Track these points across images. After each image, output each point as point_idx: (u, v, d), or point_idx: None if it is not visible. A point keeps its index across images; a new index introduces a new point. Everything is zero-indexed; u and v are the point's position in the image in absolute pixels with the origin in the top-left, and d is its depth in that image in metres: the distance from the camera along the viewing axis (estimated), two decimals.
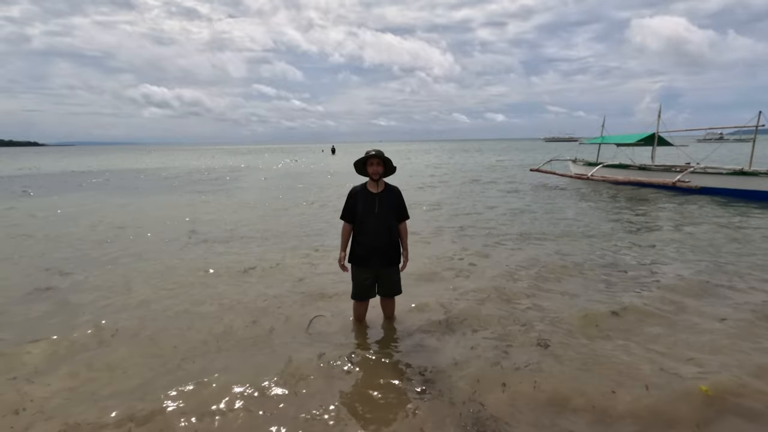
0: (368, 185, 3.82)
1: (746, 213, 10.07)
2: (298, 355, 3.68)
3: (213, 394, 3.15)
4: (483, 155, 47.61)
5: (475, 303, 4.80)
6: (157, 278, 5.87)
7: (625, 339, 3.91)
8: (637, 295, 4.95)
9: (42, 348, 3.89)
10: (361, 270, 3.87)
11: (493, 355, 3.66)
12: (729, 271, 5.79)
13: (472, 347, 3.81)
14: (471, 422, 2.80)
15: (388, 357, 3.67)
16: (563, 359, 3.58)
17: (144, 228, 9.39)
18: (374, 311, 4.26)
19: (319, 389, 3.21)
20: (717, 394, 3.02)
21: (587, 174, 17.13)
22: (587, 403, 2.99)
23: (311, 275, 5.86)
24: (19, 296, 5.27)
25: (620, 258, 6.54)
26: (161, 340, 4.03)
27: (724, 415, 2.87)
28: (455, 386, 3.20)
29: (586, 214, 10.47)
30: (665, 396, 3.03)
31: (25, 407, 3.02)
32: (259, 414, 2.94)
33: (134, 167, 34.99)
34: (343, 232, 3.91)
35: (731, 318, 4.31)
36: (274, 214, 11.10)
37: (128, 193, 16.99)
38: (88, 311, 4.75)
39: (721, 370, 3.33)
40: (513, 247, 7.28)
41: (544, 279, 5.58)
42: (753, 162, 12.94)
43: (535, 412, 2.91)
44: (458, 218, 10.02)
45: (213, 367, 3.53)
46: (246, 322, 4.40)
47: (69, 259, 6.90)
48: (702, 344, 3.79)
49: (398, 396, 3.13)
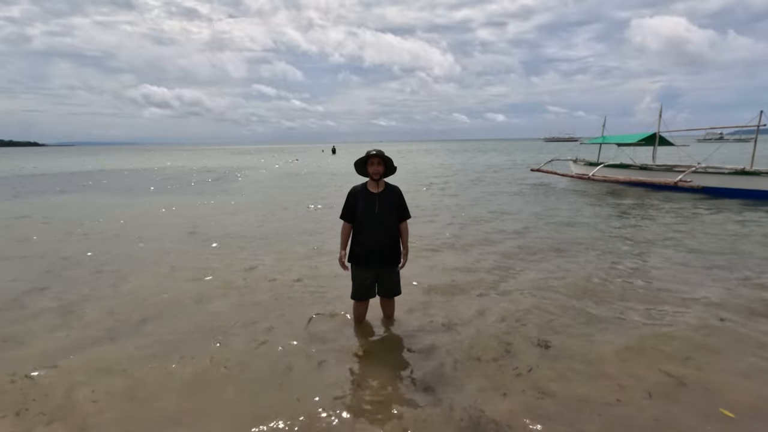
0: (368, 185, 3.80)
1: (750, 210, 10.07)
2: (296, 357, 3.67)
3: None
4: (486, 155, 47.61)
5: (476, 303, 4.79)
6: (159, 275, 5.87)
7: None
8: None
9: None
10: (360, 270, 3.85)
11: (493, 356, 3.64)
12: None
13: (471, 347, 3.80)
14: (470, 427, 2.78)
15: (386, 358, 3.66)
16: (563, 358, 3.57)
17: (145, 226, 9.40)
18: (374, 312, 4.24)
19: (315, 388, 3.20)
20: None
21: (588, 174, 17.02)
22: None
23: (310, 276, 5.82)
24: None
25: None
26: (166, 333, 4.02)
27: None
28: (455, 389, 3.18)
29: (599, 216, 10.31)
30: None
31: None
32: (255, 409, 2.94)
33: (132, 167, 34.92)
34: (343, 232, 3.90)
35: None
36: (273, 214, 11.09)
37: (126, 193, 16.96)
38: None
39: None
40: (517, 248, 7.24)
41: (548, 285, 5.43)
42: (754, 162, 12.92)
43: (536, 415, 2.90)
44: (465, 221, 10.01)
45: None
46: (245, 321, 4.40)
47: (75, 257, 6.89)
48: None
49: (395, 398, 3.11)
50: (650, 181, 14.60)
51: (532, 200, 13.08)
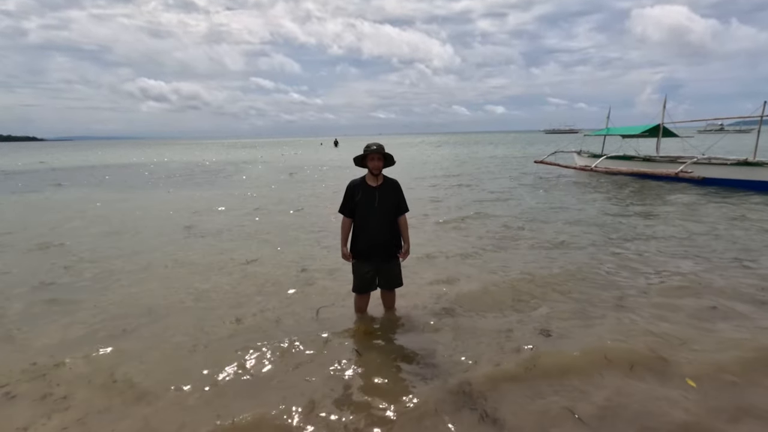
0: (367, 178, 3.77)
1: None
2: (305, 346, 3.78)
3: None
4: (489, 148, 47.46)
5: (480, 294, 4.87)
6: (163, 272, 5.95)
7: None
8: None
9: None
10: (362, 263, 3.86)
11: (495, 343, 3.72)
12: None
13: (475, 334, 3.88)
14: (469, 407, 2.87)
15: (389, 346, 3.74)
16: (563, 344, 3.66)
17: (146, 222, 9.49)
18: (375, 305, 4.30)
19: (324, 375, 3.32)
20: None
21: (591, 165, 17.03)
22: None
23: (313, 269, 5.87)
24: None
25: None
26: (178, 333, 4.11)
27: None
28: (456, 375, 3.26)
29: (607, 210, 10.25)
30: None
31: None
32: (266, 395, 3.05)
33: (135, 162, 34.91)
34: (343, 227, 3.87)
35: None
36: (274, 208, 11.14)
37: (125, 188, 16.98)
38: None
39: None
40: (525, 245, 7.25)
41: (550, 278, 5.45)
42: (747, 152, 12.89)
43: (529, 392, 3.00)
44: (467, 208, 10.06)
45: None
46: (254, 310, 4.51)
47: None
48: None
49: (398, 383, 3.21)
50: (652, 172, 14.60)
51: (537, 192, 13.10)
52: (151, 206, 11.78)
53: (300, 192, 14.21)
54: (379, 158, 3.67)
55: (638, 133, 17.43)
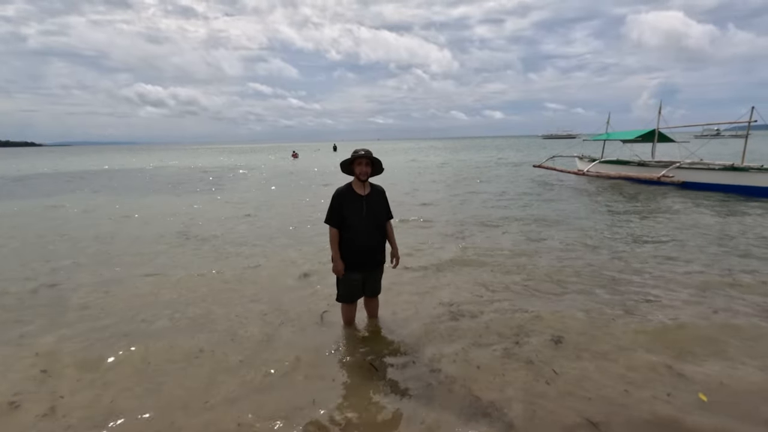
0: (354, 186, 3.62)
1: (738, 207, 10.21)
2: (311, 346, 3.83)
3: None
4: (489, 152, 47.59)
5: (483, 299, 4.92)
6: (163, 279, 5.99)
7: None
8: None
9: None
10: (352, 272, 3.72)
11: (501, 348, 3.75)
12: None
13: (480, 335, 3.95)
14: (470, 411, 2.90)
15: (400, 359, 3.72)
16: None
17: (146, 224, 9.56)
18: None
19: (332, 387, 3.33)
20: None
21: (584, 170, 17.80)
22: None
23: (315, 272, 5.90)
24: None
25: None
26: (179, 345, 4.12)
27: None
28: (457, 376, 3.30)
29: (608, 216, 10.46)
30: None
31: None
32: (266, 401, 3.07)
33: (136, 167, 34.93)
34: (333, 239, 3.63)
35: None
36: (272, 214, 11.18)
37: (126, 192, 17.04)
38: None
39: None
40: (528, 247, 7.35)
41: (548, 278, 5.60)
42: (749, 158, 13.03)
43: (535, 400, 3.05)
44: (469, 211, 10.14)
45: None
46: (258, 313, 4.57)
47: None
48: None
49: (397, 384, 3.24)
50: (636, 176, 15.16)
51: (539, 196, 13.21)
52: (153, 212, 11.85)
53: (302, 195, 14.25)
54: (367, 163, 3.54)
55: (634, 138, 17.65)
